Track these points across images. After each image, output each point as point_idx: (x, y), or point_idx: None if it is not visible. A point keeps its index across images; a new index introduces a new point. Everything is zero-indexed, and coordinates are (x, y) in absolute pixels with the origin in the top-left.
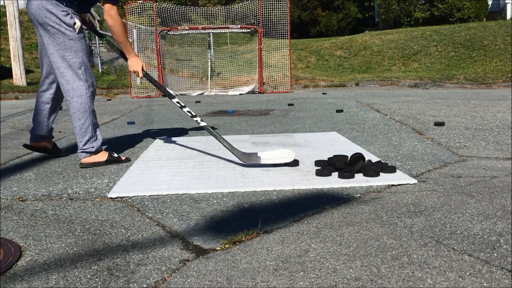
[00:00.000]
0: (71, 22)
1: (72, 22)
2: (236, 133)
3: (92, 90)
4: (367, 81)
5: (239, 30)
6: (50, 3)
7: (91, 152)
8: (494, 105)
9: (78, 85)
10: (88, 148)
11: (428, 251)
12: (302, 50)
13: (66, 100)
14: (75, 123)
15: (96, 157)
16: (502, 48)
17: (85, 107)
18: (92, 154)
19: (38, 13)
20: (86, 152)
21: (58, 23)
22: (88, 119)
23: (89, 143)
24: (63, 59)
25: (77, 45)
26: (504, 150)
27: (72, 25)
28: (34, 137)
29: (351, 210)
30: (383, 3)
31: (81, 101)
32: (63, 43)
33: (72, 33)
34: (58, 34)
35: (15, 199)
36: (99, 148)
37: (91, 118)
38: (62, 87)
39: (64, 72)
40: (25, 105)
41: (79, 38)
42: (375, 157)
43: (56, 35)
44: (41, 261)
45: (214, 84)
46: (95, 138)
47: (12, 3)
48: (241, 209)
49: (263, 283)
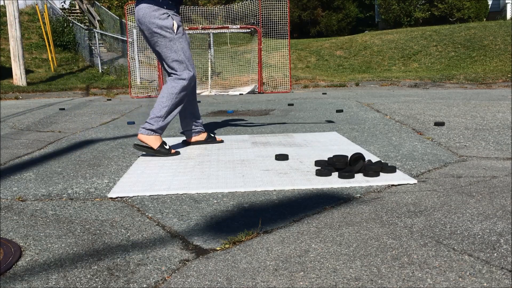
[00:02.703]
0: (170, 24)
1: (171, 24)
2: (236, 133)
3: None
4: (367, 81)
5: (239, 30)
6: (153, 9)
7: (152, 130)
8: (494, 105)
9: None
10: (151, 126)
11: (428, 251)
12: (302, 50)
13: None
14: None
15: (151, 139)
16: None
17: (172, 91)
18: (151, 133)
19: (144, 20)
20: (147, 129)
21: (159, 27)
22: (169, 100)
23: (154, 120)
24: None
25: (176, 45)
26: (504, 150)
27: (171, 26)
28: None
29: (351, 210)
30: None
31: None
32: (164, 45)
33: (172, 35)
34: (159, 37)
35: (15, 199)
36: (160, 132)
37: (171, 103)
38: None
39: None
40: (25, 105)
41: (178, 38)
42: (375, 157)
43: (159, 38)
44: (41, 261)
45: (214, 84)
46: (162, 121)
47: (12, 3)
48: (241, 209)
49: (263, 283)
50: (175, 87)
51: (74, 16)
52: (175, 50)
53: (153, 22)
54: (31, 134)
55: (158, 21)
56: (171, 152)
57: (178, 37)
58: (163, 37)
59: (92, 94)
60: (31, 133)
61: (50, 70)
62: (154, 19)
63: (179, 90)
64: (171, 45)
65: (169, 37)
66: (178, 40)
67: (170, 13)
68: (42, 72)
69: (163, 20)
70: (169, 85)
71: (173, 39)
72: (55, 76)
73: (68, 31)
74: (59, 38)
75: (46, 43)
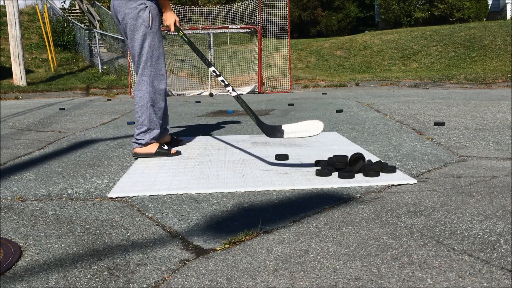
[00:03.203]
0: (146, 16)
1: (148, 16)
2: (236, 133)
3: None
4: (367, 81)
5: (239, 30)
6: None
7: (142, 144)
8: (494, 105)
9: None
10: (140, 140)
11: (428, 251)
12: (302, 50)
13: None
14: (135, 114)
15: (146, 149)
16: (502, 48)
17: (143, 101)
18: (143, 146)
19: (118, 11)
20: (137, 143)
21: (134, 18)
22: (145, 113)
23: (142, 134)
24: (135, 54)
25: (147, 41)
26: (504, 150)
27: (147, 19)
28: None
29: (351, 210)
30: (383, 3)
31: (141, 95)
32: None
33: (146, 28)
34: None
35: (15, 199)
36: (152, 141)
37: (148, 112)
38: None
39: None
40: (25, 105)
41: (151, 32)
42: (375, 157)
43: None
44: (41, 261)
45: (214, 84)
46: (150, 132)
47: (12, 3)
48: (241, 209)
49: (263, 283)
50: (143, 97)
51: (74, 16)
52: (144, 45)
53: (128, 12)
54: (31, 134)
55: (134, 12)
56: (171, 153)
57: (152, 32)
58: (136, 29)
59: (92, 94)
60: (31, 133)
61: (50, 70)
62: (130, 9)
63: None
64: (143, 39)
65: (142, 31)
66: (149, 34)
67: (147, 4)
68: (42, 72)
69: (139, 12)
70: (137, 94)
71: (146, 33)
72: (55, 76)
73: (68, 31)
74: (59, 38)
75: (46, 43)
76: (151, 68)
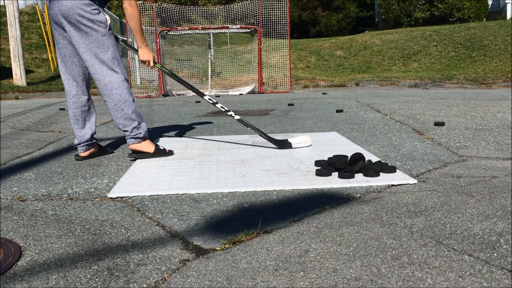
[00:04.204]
0: (103, 19)
1: (104, 18)
2: (236, 133)
3: (127, 83)
4: (367, 81)
5: (239, 30)
6: (84, 3)
7: (140, 138)
8: (494, 105)
9: (114, 78)
10: (137, 134)
11: (428, 251)
12: (302, 50)
13: (105, 95)
14: (117, 114)
15: (144, 145)
16: (502, 48)
17: (125, 97)
18: (140, 140)
19: (72, 13)
20: (135, 138)
21: (91, 21)
22: (130, 107)
23: (135, 129)
24: (96, 56)
25: (108, 41)
26: (504, 150)
27: (104, 21)
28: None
29: (351, 210)
30: (383, 3)
31: (120, 92)
32: (95, 40)
33: (104, 30)
34: (91, 31)
35: (15, 199)
36: (146, 134)
37: (133, 106)
38: (99, 83)
39: (100, 68)
40: (25, 105)
41: (110, 34)
42: (375, 157)
43: (89, 33)
44: (41, 261)
45: (214, 84)
46: (141, 125)
47: (12, 3)
48: (241, 209)
49: (263, 283)
50: (123, 93)
51: None
52: (107, 46)
53: (83, 15)
54: (31, 134)
55: (89, 16)
56: (167, 152)
57: (110, 33)
58: (95, 31)
59: (92, 94)
60: (31, 133)
61: (50, 70)
62: (85, 13)
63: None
64: (104, 41)
65: (102, 32)
66: (110, 36)
67: (100, 9)
68: (42, 72)
69: (95, 15)
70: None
71: (106, 34)
72: (55, 76)
73: None
74: None
75: (46, 43)
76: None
